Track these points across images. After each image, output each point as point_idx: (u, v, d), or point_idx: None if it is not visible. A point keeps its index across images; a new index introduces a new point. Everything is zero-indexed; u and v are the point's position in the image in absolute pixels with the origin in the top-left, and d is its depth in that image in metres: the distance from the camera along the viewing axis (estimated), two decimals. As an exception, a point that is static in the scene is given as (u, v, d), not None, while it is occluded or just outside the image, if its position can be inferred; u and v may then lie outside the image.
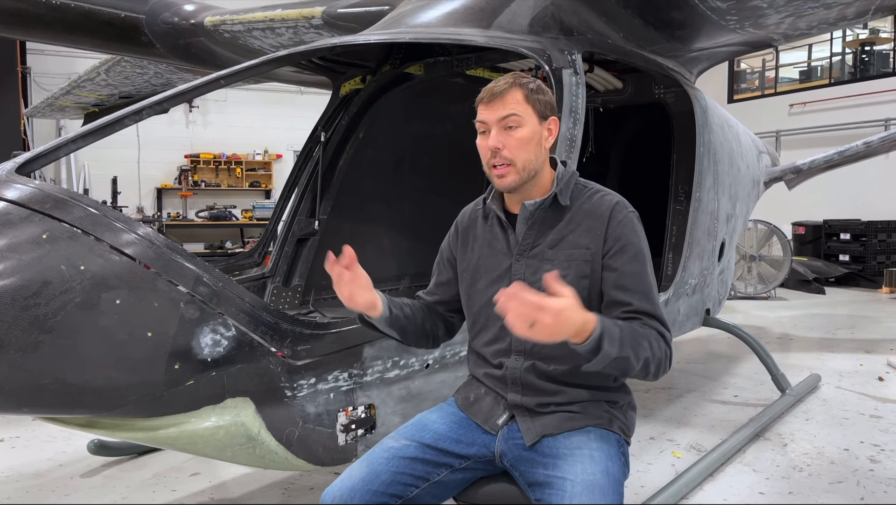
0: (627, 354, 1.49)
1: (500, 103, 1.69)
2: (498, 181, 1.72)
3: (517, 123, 1.69)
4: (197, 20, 4.64)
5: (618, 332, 1.49)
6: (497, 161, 1.69)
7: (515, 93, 1.70)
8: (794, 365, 5.29)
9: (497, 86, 1.71)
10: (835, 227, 10.80)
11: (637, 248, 1.69)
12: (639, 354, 1.52)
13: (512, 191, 1.74)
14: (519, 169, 1.69)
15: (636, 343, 1.52)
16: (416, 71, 3.93)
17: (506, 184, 1.71)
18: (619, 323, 1.53)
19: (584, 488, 1.52)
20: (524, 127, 1.69)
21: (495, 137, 1.69)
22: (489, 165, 1.72)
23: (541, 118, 1.72)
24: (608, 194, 1.78)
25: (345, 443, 2.14)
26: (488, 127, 1.71)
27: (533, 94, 1.71)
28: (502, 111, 1.69)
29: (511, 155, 1.68)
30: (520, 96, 1.70)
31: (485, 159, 1.74)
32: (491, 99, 1.70)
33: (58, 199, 1.72)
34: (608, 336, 1.45)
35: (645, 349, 1.54)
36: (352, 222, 3.98)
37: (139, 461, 3.34)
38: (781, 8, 3.28)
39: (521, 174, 1.70)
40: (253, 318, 1.89)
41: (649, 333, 1.59)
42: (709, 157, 3.99)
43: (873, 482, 3.11)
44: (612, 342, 1.46)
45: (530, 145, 1.70)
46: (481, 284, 1.81)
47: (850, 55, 12.44)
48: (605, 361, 1.47)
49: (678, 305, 3.86)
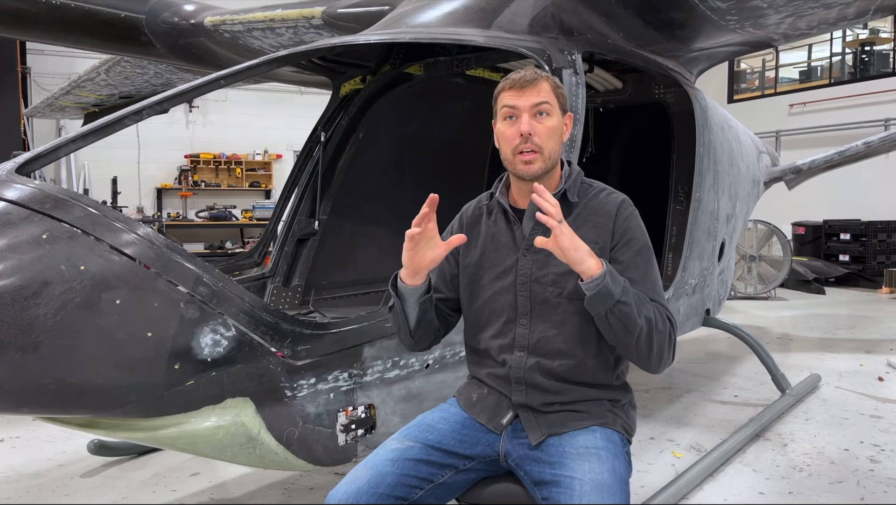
0: (629, 302, 1.56)
1: (533, 90, 1.71)
2: (524, 167, 1.72)
3: (548, 111, 1.71)
4: (197, 20, 4.64)
5: (622, 280, 1.58)
6: (526, 147, 1.70)
7: (545, 83, 1.73)
8: (794, 365, 5.29)
9: (528, 74, 1.73)
10: (835, 228, 10.79)
11: (642, 243, 1.74)
12: (641, 310, 1.59)
13: (536, 178, 1.74)
14: (546, 157, 1.71)
15: (640, 300, 1.60)
16: (416, 71, 3.93)
17: (532, 171, 1.71)
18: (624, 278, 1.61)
19: (593, 487, 1.53)
20: (553, 116, 1.72)
21: (528, 123, 1.69)
22: (515, 152, 1.72)
23: (562, 112, 1.76)
24: (614, 192, 1.81)
25: (345, 443, 2.14)
26: (519, 113, 1.71)
27: (557, 88, 1.75)
28: (535, 98, 1.70)
29: (541, 142, 1.70)
30: (548, 87, 1.73)
31: (510, 145, 1.73)
32: (524, 85, 1.71)
33: (58, 199, 1.72)
34: (613, 277, 1.55)
35: (648, 310, 1.61)
36: (352, 222, 3.98)
37: (139, 461, 3.34)
38: (781, 8, 3.28)
39: (546, 163, 1.72)
40: (253, 318, 1.89)
41: (654, 306, 1.65)
42: (709, 157, 3.99)
43: (873, 482, 3.11)
44: (616, 283, 1.55)
45: (556, 136, 1.73)
46: (485, 280, 1.81)
47: (850, 55, 12.43)
48: (609, 302, 1.54)
49: (678, 305, 3.86)
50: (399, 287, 1.73)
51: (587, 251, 1.55)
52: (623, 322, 1.57)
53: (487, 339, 1.80)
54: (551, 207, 1.52)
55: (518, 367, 1.73)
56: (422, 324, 1.78)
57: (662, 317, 1.65)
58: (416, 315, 1.76)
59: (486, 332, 1.80)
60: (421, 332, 1.81)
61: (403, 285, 1.72)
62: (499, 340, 1.78)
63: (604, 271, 1.54)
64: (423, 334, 1.82)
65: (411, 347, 1.85)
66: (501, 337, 1.77)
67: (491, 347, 1.79)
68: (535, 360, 1.72)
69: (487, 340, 1.80)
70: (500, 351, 1.77)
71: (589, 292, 1.55)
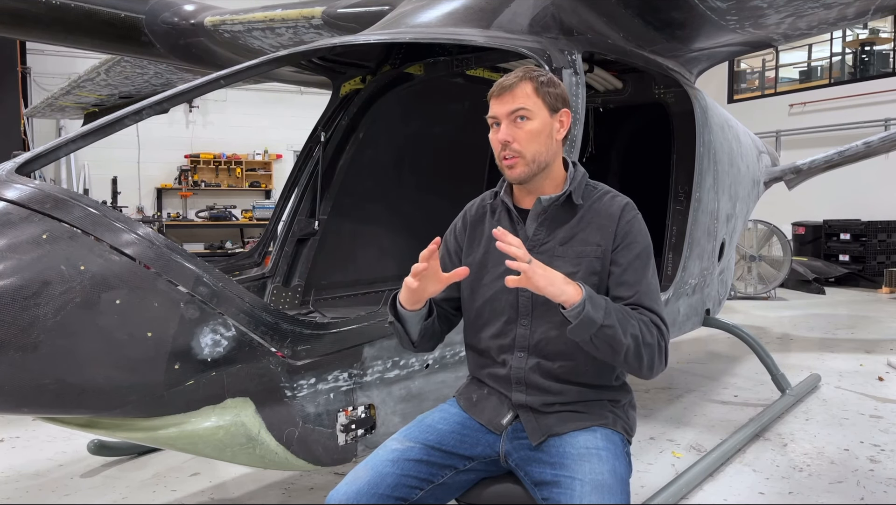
0: (612, 324, 1.54)
1: (509, 97, 1.71)
2: (508, 172, 1.73)
3: (527, 115, 1.71)
4: (197, 20, 4.64)
5: (604, 302, 1.56)
6: (507, 154, 1.71)
7: (525, 86, 1.71)
8: (794, 365, 5.29)
9: (507, 79, 1.72)
10: (835, 228, 10.79)
11: (643, 247, 1.73)
12: (626, 329, 1.56)
13: (522, 182, 1.74)
14: (528, 161, 1.71)
15: (624, 318, 1.58)
16: (416, 71, 3.93)
17: (515, 175, 1.72)
18: (608, 299, 1.60)
19: (593, 488, 1.53)
20: (534, 120, 1.71)
21: (504, 131, 1.70)
22: (500, 158, 1.74)
23: (551, 111, 1.74)
24: (618, 195, 1.81)
25: (345, 443, 2.14)
26: (499, 120, 1.73)
27: (543, 87, 1.73)
28: (511, 105, 1.70)
29: (520, 147, 1.70)
30: (529, 89, 1.71)
31: (496, 153, 1.75)
32: (501, 92, 1.72)
33: (58, 199, 1.71)
34: (592, 301, 1.53)
35: (634, 327, 1.58)
36: (352, 222, 3.98)
37: (139, 461, 3.34)
38: (781, 8, 3.28)
39: (530, 166, 1.72)
40: (253, 318, 1.89)
41: (642, 317, 1.63)
42: (709, 157, 3.99)
43: (873, 482, 3.11)
44: (597, 308, 1.53)
45: (540, 137, 1.71)
46: (487, 279, 1.81)
47: (850, 55, 12.43)
48: (592, 328, 1.52)
49: (678, 304, 3.86)
50: (400, 312, 1.74)
51: (562, 280, 1.53)
52: (609, 343, 1.56)
53: (488, 338, 1.80)
54: (517, 250, 1.49)
55: (518, 367, 1.73)
56: (424, 337, 1.80)
57: (651, 328, 1.62)
58: (418, 332, 1.78)
59: (487, 331, 1.80)
60: (424, 342, 1.82)
61: (405, 311, 1.72)
62: (499, 339, 1.78)
63: (583, 298, 1.51)
64: (427, 343, 1.84)
65: (414, 352, 1.88)
66: (502, 337, 1.77)
67: (491, 346, 1.79)
68: (535, 360, 1.72)
69: (488, 340, 1.80)
70: (501, 351, 1.77)
71: (572, 321, 1.53)
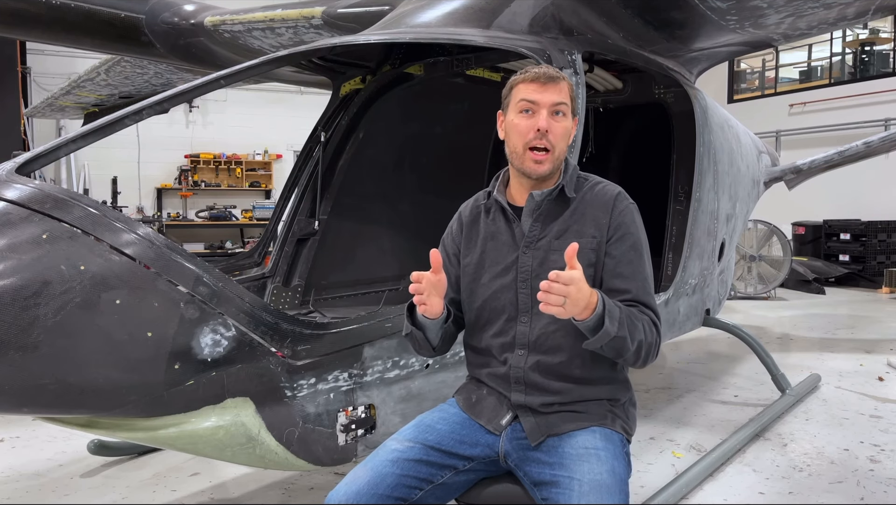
0: (624, 335, 1.57)
1: (555, 88, 1.71)
2: (534, 166, 1.72)
3: (564, 112, 1.73)
4: (197, 20, 4.64)
5: (618, 312, 1.58)
6: (540, 143, 1.70)
7: (565, 84, 1.74)
8: (794, 365, 5.29)
9: (550, 70, 1.73)
10: (835, 228, 10.79)
11: (636, 238, 1.75)
12: (634, 337, 1.60)
13: (543, 179, 1.75)
14: (555, 158, 1.73)
15: (633, 326, 1.61)
16: (416, 71, 3.93)
17: (542, 170, 1.72)
18: (618, 304, 1.61)
19: (592, 488, 1.53)
20: (567, 118, 1.74)
21: (546, 119, 1.70)
22: (527, 146, 1.71)
23: (573, 115, 1.78)
24: (608, 185, 1.82)
25: (345, 443, 2.14)
26: (538, 108, 1.71)
27: (573, 91, 1.77)
28: (556, 97, 1.71)
29: (554, 141, 1.71)
30: (568, 90, 1.74)
31: (523, 139, 1.72)
32: (547, 82, 1.71)
33: (58, 199, 1.71)
34: (609, 314, 1.54)
35: (639, 332, 1.62)
36: (352, 222, 3.98)
37: (139, 461, 3.34)
38: (781, 8, 3.28)
39: (555, 163, 1.74)
40: (253, 318, 1.89)
41: (643, 317, 1.66)
42: (709, 157, 3.99)
43: (873, 482, 3.11)
44: (613, 320, 1.55)
45: (566, 138, 1.75)
46: (485, 278, 1.81)
47: (850, 55, 12.43)
48: (605, 339, 1.55)
49: (678, 304, 3.86)
50: (420, 321, 1.75)
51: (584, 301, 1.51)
52: (616, 349, 1.60)
53: (489, 337, 1.80)
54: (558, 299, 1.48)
55: (518, 366, 1.74)
56: (444, 340, 1.82)
57: (650, 328, 1.67)
58: (439, 337, 1.79)
59: (488, 330, 1.81)
60: (443, 345, 1.84)
61: (426, 319, 1.73)
62: (500, 338, 1.78)
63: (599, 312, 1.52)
64: (445, 346, 1.86)
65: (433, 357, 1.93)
66: (503, 335, 1.77)
67: (492, 345, 1.79)
68: (535, 358, 1.73)
69: (489, 339, 1.80)
70: (502, 350, 1.77)
71: (589, 335, 1.56)
